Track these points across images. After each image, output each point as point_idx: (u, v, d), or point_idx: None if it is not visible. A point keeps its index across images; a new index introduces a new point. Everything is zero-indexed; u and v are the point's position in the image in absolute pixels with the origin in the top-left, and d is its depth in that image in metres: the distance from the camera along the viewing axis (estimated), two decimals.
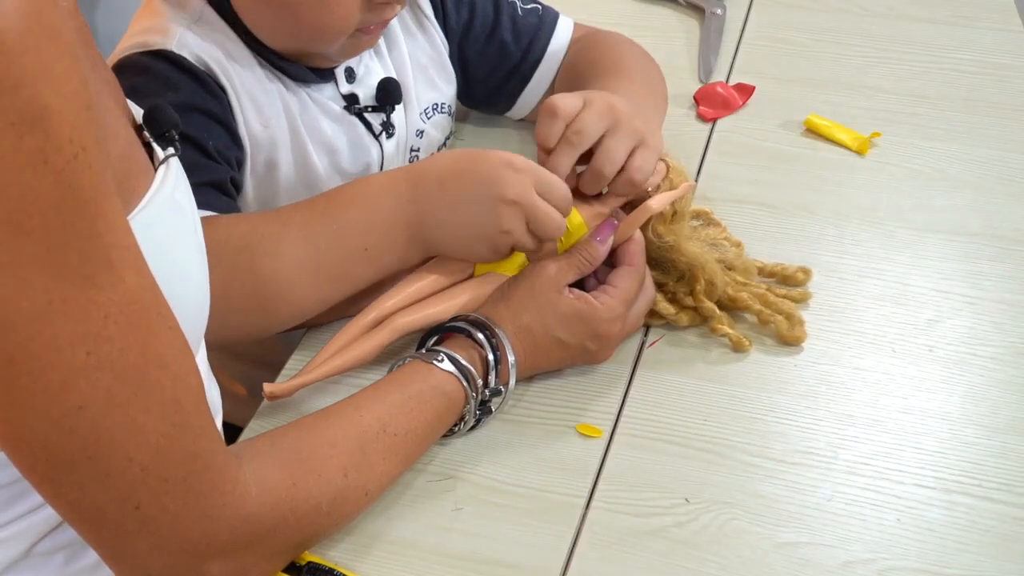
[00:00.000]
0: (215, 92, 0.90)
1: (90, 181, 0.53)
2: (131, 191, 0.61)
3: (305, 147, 0.96)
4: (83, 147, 0.52)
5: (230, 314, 0.78)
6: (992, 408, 0.84)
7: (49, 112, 0.50)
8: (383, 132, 1.00)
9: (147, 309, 0.58)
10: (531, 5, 1.08)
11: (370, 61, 1.00)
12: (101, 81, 0.63)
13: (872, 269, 0.97)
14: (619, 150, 0.86)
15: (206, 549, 0.64)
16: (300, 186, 0.97)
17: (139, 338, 0.57)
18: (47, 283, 0.53)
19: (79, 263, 0.53)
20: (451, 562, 0.74)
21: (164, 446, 0.59)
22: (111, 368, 0.56)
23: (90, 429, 0.57)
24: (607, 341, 0.84)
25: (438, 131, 1.07)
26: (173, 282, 0.62)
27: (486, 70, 1.08)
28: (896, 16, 1.32)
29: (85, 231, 0.53)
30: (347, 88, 0.98)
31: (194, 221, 0.69)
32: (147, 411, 0.58)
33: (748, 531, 0.76)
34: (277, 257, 0.83)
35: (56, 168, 0.51)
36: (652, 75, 1.08)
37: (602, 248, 0.85)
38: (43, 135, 0.50)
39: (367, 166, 1.00)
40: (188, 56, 0.90)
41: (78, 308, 0.54)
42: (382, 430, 0.74)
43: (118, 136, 0.61)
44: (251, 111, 0.92)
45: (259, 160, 0.94)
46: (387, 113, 1.00)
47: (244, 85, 0.92)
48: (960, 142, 1.12)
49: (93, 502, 0.60)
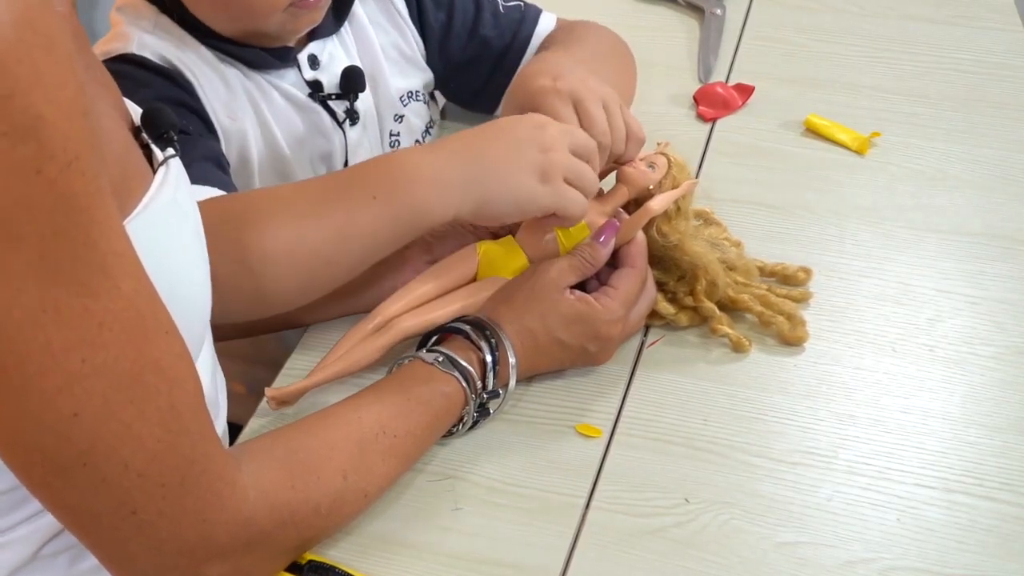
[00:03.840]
0: (183, 84, 0.92)
1: (84, 189, 0.53)
2: (128, 193, 0.61)
3: (274, 136, 0.98)
4: (77, 155, 0.52)
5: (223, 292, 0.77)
6: (993, 408, 0.84)
7: (43, 121, 0.50)
8: (347, 119, 1.01)
9: (143, 315, 0.57)
10: (513, 3, 1.10)
11: (335, 49, 1.01)
12: (97, 84, 0.63)
13: (873, 269, 0.96)
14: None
15: (204, 552, 0.63)
16: (273, 175, 0.98)
17: (134, 344, 0.57)
18: (41, 290, 0.53)
19: (73, 270, 0.53)
20: (451, 562, 0.74)
21: (160, 451, 0.59)
22: (106, 375, 0.56)
23: (85, 436, 0.56)
24: (608, 342, 0.84)
25: (417, 118, 1.08)
26: (174, 283, 0.62)
27: (470, 67, 1.09)
28: (896, 16, 1.32)
29: (79, 239, 0.53)
30: (311, 75, 0.99)
31: (195, 222, 0.69)
32: (143, 417, 0.58)
33: (748, 531, 0.75)
34: (268, 233, 0.80)
35: (50, 177, 0.51)
36: (611, 49, 1.09)
37: (604, 250, 0.85)
38: (36, 144, 0.50)
39: (329, 153, 1.02)
40: (150, 55, 0.92)
41: (72, 315, 0.54)
42: (381, 431, 0.74)
43: (114, 140, 0.61)
44: (218, 105, 0.94)
45: (232, 152, 0.96)
46: (351, 101, 1.00)
47: (208, 80, 0.94)
48: (960, 142, 1.12)
49: (90, 507, 0.59)
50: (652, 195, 0.88)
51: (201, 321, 0.70)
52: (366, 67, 1.02)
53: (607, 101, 0.88)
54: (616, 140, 0.88)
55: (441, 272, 0.87)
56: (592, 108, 0.87)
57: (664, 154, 0.90)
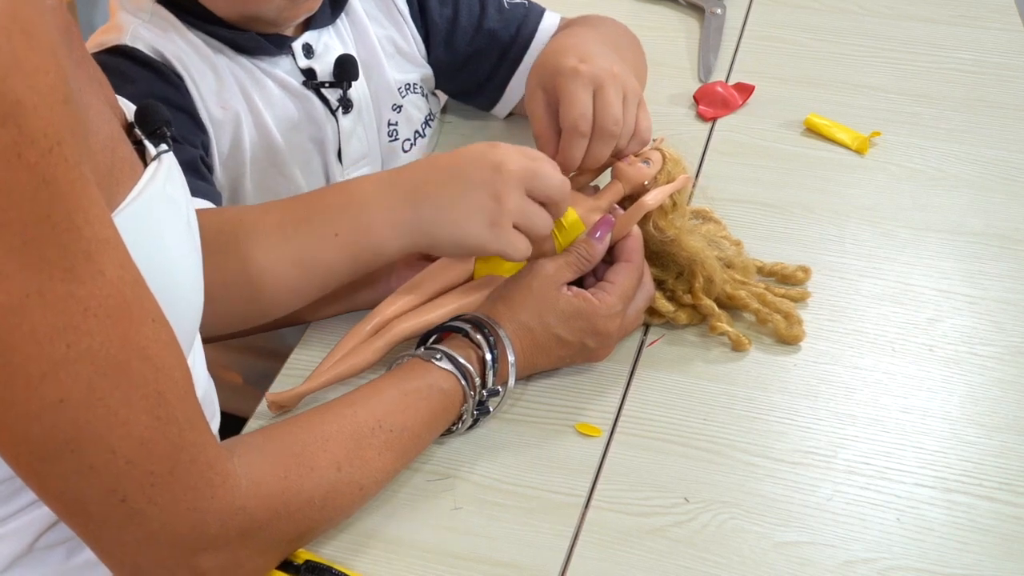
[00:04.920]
0: (172, 80, 0.93)
1: (66, 175, 0.53)
2: (116, 185, 0.61)
3: (266, 124, 0.98)
4: (58, 141, 0.52)
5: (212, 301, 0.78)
6: (992, 407, 0.84)
7: (22, 107, 0.50)
8: (340, 108, 1.01)
9: (128, 302, 0.57)
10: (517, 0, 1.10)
11: (329, 39, 1.01)
12: (88, 78, 0.63)
13: (872, 268, 0.96)
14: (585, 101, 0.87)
15: (196, 542, 0.63)
16: (266, 162, 0.99)
17: (120, 330, 0.57)
18: (24, 276, 0.53)
19: (57, 256, 0.54)
20: (450, 561, 0.74)
21: (149, 438, 0.59)
22: (91, 361, 0.56)
23: (72, 422, 0.57)
24: (606, 338, 0.84)
25: (416, 109, 1.09)
26: (164, 275, 0.62)
27: (477, 60, 1.10)
28: (896, 16, 1.32)
29: (62, 224, 0.53)
30: (305, 63, 1.00)
31: (188, 216, 0.69)
32: (129, 404, 0.58)
33: (748, 531, 0.75)
34: (259, 248, 0.82)
35: (30, 162, 0.51)
36: (625, 36, 1.09)
37: (600, 246, 0.85)
38: (16, 129, 0.50)
39: (322, 141, 1.02)
40: (143, 48, 0.93)
41: (56, 301, 0.54)
42: (377, 425, 0.74)
43: (99, 131, 0.61)
44: (209, 95, 0.95)
45: (224, 142, 0.96)
46: (344, 89, 1.00)
47: (199, 70, 0.94)
48: (960, 142, 1.12)
49: (78, 495, 0.60)
50: (647, 190, 0.88)
51: (191, 312, 0.70)
52: (362, 57, 1.03)
53: (627, 92, 0.89)
54: (623, 134, 0.88)
55: (438, 271, 0.87)
56: (611, 95, 0.87)
57: (659, 149, 0.90)
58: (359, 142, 1.04)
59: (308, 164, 1.02)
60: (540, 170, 0.82)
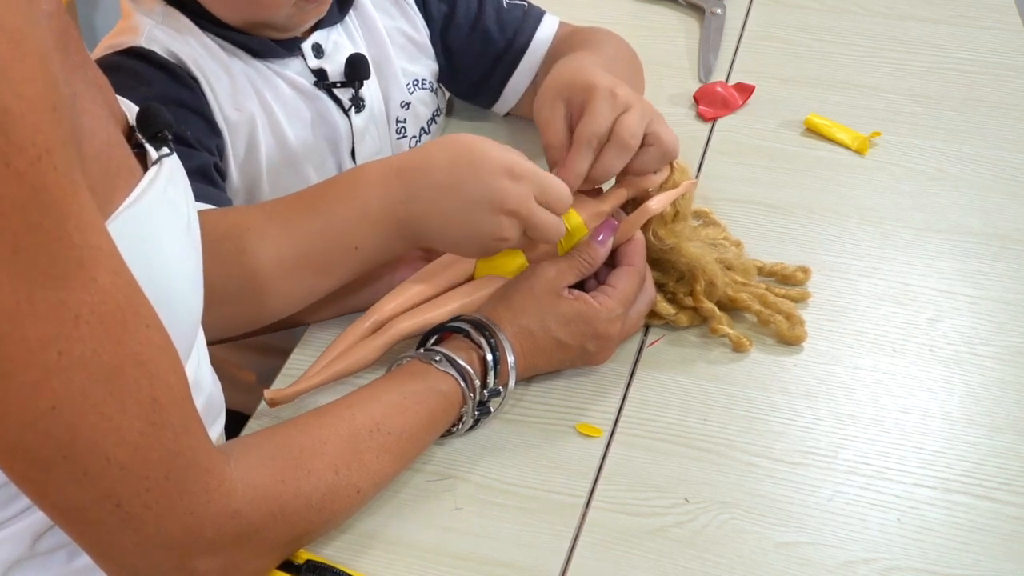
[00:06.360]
0: (187, 83, 0.93)
1: (56, 182, 0.53)
2: (112, 190, 0.61)
3: (280, 125, 0.98)
4: (47, 149, 0.52)
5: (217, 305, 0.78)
6: (992, 407, 0.84)
7: (10, 115, 0.50)
8: (352, 107, 1.01)
9: (122, 308, 0.57)
10: (517, 1, 1.10)
11: (339, 38, 1.02)
12: (85, 83, 0.63)
13: (872, 269, 0.97)
14: (608, 119, 0.87)
15: (192, 546, 0.63)
16: (282, 164, 0.99)
17: (113, 337, 0.57)
18: (15, 284, 0.52)
19: (48, 264, 0.53)
20: (450, 561, 0.74)
21: (143, 444, 0.59)
22: (84, 368, 0.56)
23: (65, 429, 0.56)
24: (607, 342, 0.84)
25: (423, 106, 1.09)
26: (161, 280, 0.62)
27: (471, 59, 1.10)
28: (896, 16, 1.32)
29: (53, 232, 0.53)
30: (315, 63, 1.00)
31: (189, 220, 0.69)
32: (123, 410, 0.58)
33: (748, 531, 0.75)
34: (262, 251, 0.83)
35: (19, 170, 0.51)
36: (630, 59, 1.09)
37: (602, 249, 0.85)
38: (4, 138, 0.50)
39: (335, 141, 1.02)
40: (158, 50, 0.92)
41: (48, 308, 0.54)
42: (375, 428, 0.74)
43: (95, 136, 0.61)
44: (224, 97, 0.95)
45: (239, 144, 0.96)
46: (356, 88, 1.01)
47: (214, 73, 0.94)
48: (960, 142, 1.12)
49: (74, 502, 0.59)
50: (651, 195, 0.88)
51: (190, 317, 0.70)
52: (372, 55, 1.03)
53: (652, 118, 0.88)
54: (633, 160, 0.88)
55: (437, 270, 0.87)
56: (635, 115, 0.87)
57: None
58: (372, 140, 1.04)
59: (323, 164, 1.02)
60: (547, 178, 0.83)
